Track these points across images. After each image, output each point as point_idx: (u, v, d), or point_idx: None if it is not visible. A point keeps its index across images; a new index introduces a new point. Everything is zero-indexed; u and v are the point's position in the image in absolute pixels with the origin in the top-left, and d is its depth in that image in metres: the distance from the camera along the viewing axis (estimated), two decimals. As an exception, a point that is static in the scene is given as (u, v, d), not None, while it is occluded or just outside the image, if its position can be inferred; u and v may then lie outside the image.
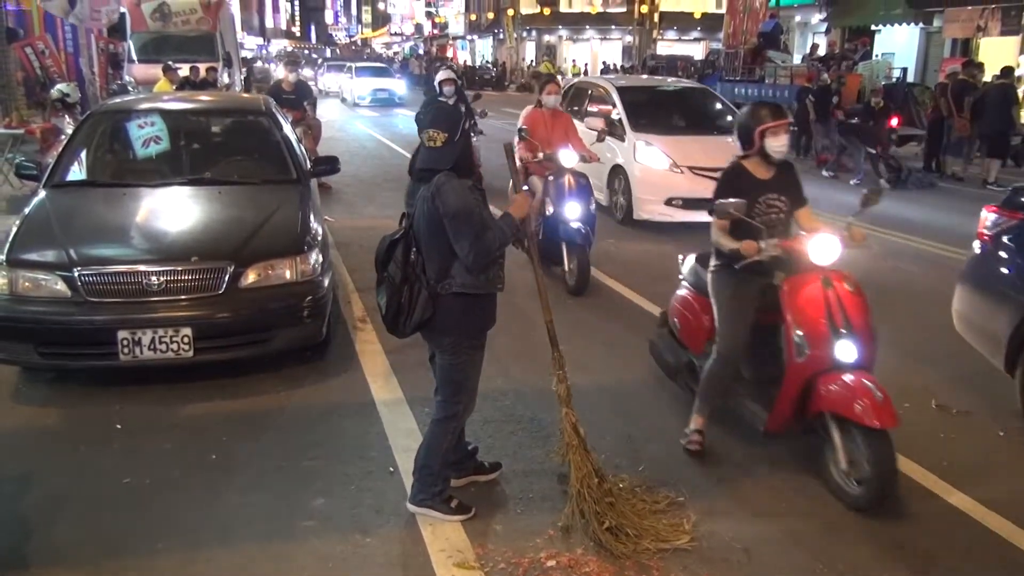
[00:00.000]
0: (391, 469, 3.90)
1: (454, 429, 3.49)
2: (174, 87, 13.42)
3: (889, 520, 3.53)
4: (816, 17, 26.95)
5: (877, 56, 21.18)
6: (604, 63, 37.40)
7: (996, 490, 3.77)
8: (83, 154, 5.91)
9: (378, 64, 38.05)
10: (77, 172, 5.78)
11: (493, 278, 3.32)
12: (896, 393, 4.85)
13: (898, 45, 22.47)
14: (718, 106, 10.68)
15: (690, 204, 8.70)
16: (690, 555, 3.26)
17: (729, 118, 9.98)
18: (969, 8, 18.51)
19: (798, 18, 28.18)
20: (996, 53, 18.26)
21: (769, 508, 3.64)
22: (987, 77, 14.18)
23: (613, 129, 9.38)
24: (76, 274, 4.50)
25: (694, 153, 9.06)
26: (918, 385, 4.97)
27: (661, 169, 9.04)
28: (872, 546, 3.36)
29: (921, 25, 21.61)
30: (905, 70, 19.88)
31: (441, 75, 10.06)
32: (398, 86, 30.73)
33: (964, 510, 3.63)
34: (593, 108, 10.53)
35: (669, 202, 8.89)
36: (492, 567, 3.17)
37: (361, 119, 23.98)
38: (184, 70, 14.61)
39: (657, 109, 10.30)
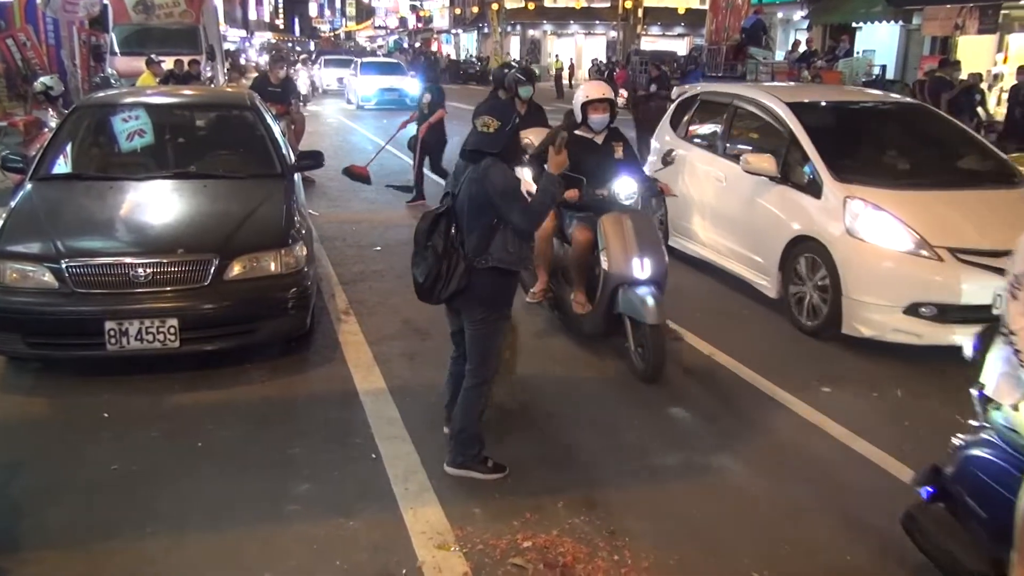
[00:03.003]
0: (373, 456, 4.01)
1: (486, 392, 3.85)
2: (157, 80, 13.43)
3: (850, 500, 3.68)
4: (798, 14, 27.15)
5: (858, 53, 21.41)
6: (594, 60, 36.72)
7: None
8: (69, 147, 5.95)
9: (387, 59, 34.39)
10: (63, 165, 5.83)
11: (525, 256, 3.79)
12: (866, 384, 5.02)
13: (879, 42, 22.67)
14: (955, 136, 6.64)
15: (951, 314, 5.05)
16: (661, 536, 3.40)
17: (986, 154, 6.36)
18: (947, 7, 18.71)
19: (780, 15, 28.36)
20: (974, 51, 18.53)
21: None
22: (963, 75, 14.41)
23: (789, 172, 6.04)
24: (64, 266, 4.57)
25: (955, 221, 5.33)
26: (887, 376, 5.12)
27: (899, 251, 5.22)
28: (831, 523, 3.51)
29: (901, 23, 21.84)
30: (884, 67, 20.13)
31: (588, 90, 5.40)
32: (410, 85, 26.04)
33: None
34: (744, 139, 6.95)
35: (915, 310, 5.11)
36: (471, 548, 3.29)
37: (356, 118, 23.92)
38: (168, 63, 14.58)
39: (862, 142, 6.52)
